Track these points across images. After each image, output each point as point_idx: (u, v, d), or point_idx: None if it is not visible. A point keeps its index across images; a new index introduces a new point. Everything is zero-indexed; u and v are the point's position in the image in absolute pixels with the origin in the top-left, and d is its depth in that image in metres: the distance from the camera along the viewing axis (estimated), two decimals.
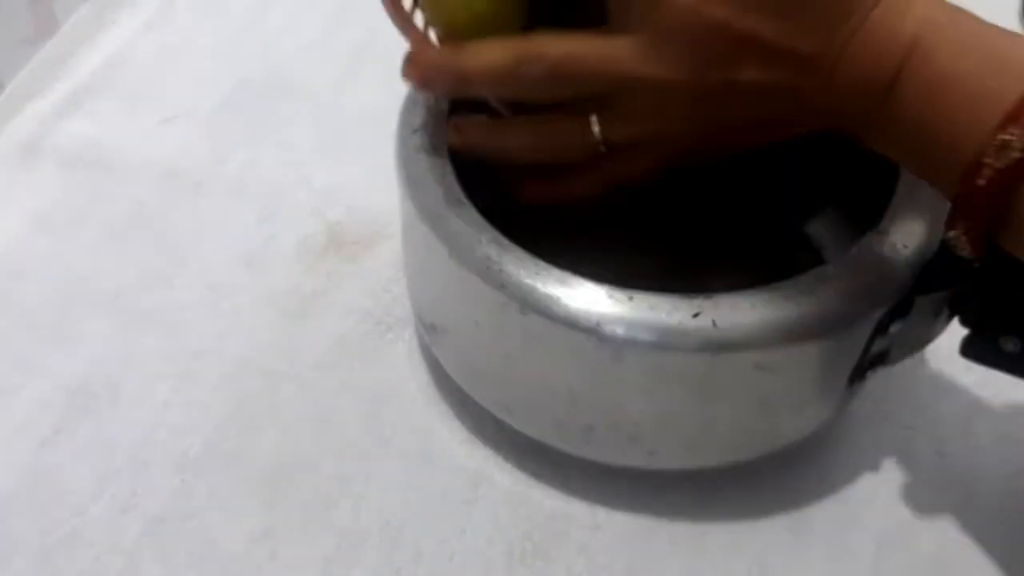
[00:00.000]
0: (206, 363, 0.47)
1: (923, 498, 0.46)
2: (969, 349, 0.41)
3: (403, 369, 0.48)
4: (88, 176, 0.54)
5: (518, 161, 0.41)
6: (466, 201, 0.39)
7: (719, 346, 0.35)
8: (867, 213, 0.41)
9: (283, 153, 0.57)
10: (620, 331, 0.36)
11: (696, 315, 0.35)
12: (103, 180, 0.54)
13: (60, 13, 0.61)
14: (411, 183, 0.40)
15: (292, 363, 0.48)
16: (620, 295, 0.36)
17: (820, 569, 0.43)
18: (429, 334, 0.45)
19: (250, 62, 0.61)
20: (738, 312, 0.36)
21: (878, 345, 0.39)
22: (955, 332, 0.40)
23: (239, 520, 0.43)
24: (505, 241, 0.38)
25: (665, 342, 0.35)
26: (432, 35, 0.39)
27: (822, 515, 0.45)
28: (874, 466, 0.46)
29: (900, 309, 0.38)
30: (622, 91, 0.36)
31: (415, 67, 0.39)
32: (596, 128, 0.38)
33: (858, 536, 0.44)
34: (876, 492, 0.46)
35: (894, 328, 0.38)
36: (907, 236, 0.38)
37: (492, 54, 0.37)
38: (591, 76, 0.36)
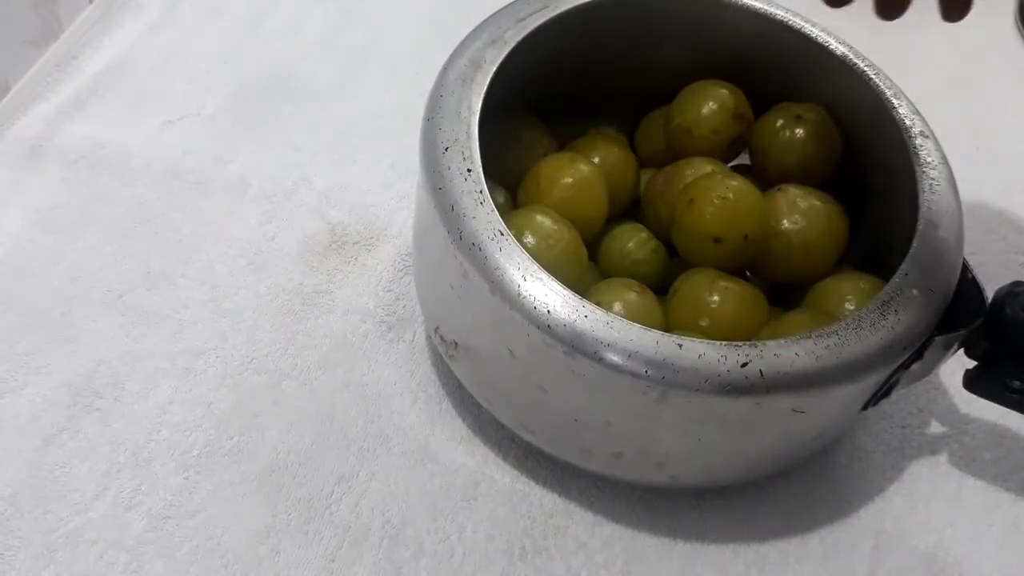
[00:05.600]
0: (209, 362, 0.48)
1: (919, 497, 0.46)
2: (974, 385, 0.42)
3: (404, 368, 0.48)
4: (92, 176, 0.55)
5: None
6: (507, 231, 0.37)
7: (764, 393, 0.35)
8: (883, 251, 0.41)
9: (285, 154, 0.57)
10: (669, 378, 0.35)
11: (744, 364, 0.35)
12: (107, 180, 0.55)
13: (64, 15, 0.61)
14: (445, 207, 0.38)
15: (294, 362, 0.48)
16: (669, 341, 0.35)
17: (817, 566, 0.43)
18: (447, 348, 0.43)
19: (252, 64, 0.62)
20: (784, 361, 0.35)
21: (894, 378, 0.39)
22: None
23: (241, 517, 0.43)
24: (549, 278, 0.36)
25: (713, 389, 0.35)
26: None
27: (819, 512, 0.45)
28: (870, 464, 0.47)
29: (923, 348, 0.38)
30: None
31: None
32: None
33: (855, 534, 0.44)
34: (872, 490, 0.46)
35: (915, 366, 0.39)
36: (932, 278, 0.38)
37: None
38: None
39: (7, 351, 0.47)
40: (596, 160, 0.47)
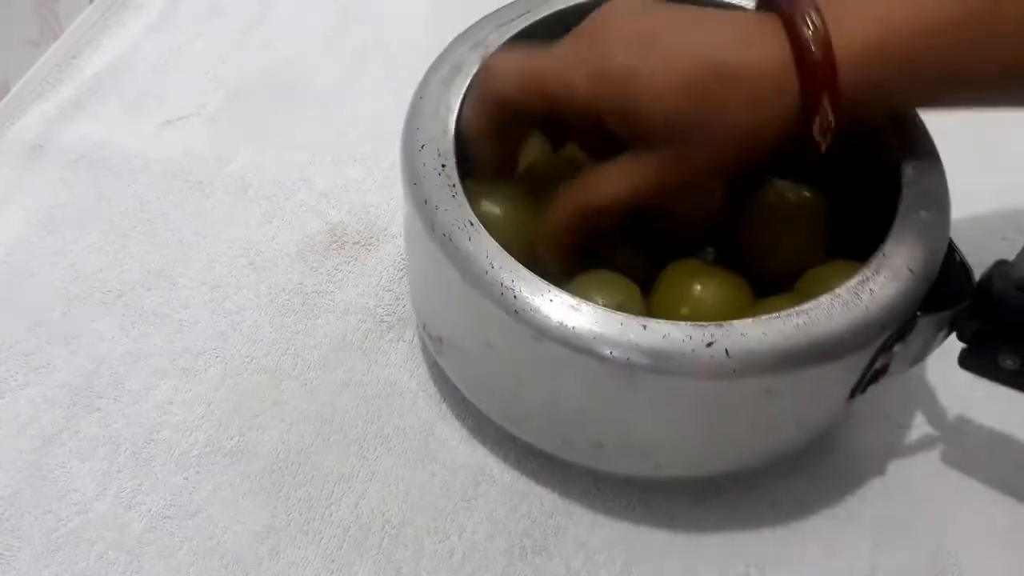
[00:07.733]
0: (209, 361, 0.48)
1: (918, 496, 0.46)
2: (967, 362, 0.41)
3: (404, 368, 0.48)
4: (92, 176, 0.55)
5: None
6: (477, 222, 0.38)
7: (731, 374, 0.35)
8: (868, 235, 0.41)
9: (285, 154, 0.57)
10: (634, 359, 0.35)
11: (710, 344, 0.35)
12: (107, 180, 0.55)
13: (64, 15, 0.61)
14: (419, 200, 0.39)
15: (294, 362, 0.48)
16: (634, 323, 0.35)
17: (817, 566, 0.43)
18: (435, 345, 0.44)
19: (253, 64, 0.62)
20: (750, 340, 0.35)
21: (880, 362, 0.39)
22: (952, 336, 0.40)
23: (241, 517, 0.43)
24: (517, 265, 0.37)
25: (679, 370, 0.35)
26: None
27: (819, 512, 0.45)
28: (870, 464, 0.47)
29: (905, 329, 0.38)
30: None
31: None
32: None
33: (855, 533, 0.44)
34: (872, 490, 0.46)
35: (898, 347, 0.39)
36: (912, 258, 0.38)
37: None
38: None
39: (7, 351, 0.47)
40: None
